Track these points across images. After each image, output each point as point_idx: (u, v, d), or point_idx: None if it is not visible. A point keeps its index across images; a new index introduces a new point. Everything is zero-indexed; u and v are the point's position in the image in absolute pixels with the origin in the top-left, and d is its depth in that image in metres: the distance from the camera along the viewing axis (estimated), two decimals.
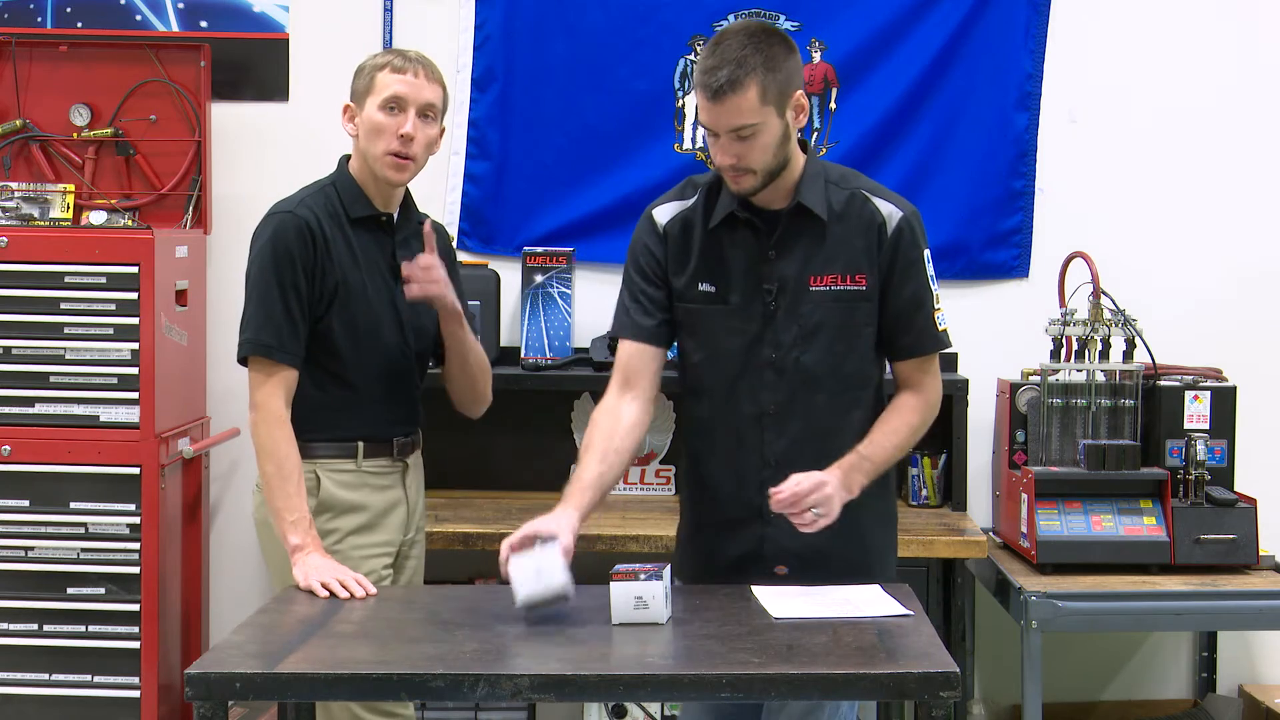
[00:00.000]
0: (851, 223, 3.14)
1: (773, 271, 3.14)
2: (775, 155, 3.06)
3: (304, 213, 3.36)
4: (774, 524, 3.12)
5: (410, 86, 3.37)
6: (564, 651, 2.76)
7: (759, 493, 3.12)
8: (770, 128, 3.03)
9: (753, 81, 2.99)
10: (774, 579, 3.14)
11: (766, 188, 3.10)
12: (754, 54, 3.00)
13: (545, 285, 4.74)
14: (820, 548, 3.10)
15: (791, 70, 3.05)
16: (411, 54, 3.44)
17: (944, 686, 2.59)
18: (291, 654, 2.72)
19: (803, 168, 3.15)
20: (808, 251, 3.13)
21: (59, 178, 4.78)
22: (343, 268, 3.38)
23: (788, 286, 3.14)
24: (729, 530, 3.21)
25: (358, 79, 3.44)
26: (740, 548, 3.20)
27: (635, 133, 4.86)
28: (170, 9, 4.87)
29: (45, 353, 4.40)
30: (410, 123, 3.36)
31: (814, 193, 3.13)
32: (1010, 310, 4.83)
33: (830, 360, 3.12)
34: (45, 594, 4.41)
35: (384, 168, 3.39)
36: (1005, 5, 4.79)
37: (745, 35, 3.03)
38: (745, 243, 3.16)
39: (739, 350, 3.16)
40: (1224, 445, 4.31)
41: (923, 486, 4.63)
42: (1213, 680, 4.83)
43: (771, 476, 3.09)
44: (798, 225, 3.14)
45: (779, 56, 3.03)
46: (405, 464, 3.52)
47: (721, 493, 3.22)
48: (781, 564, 3.17)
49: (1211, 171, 4.85)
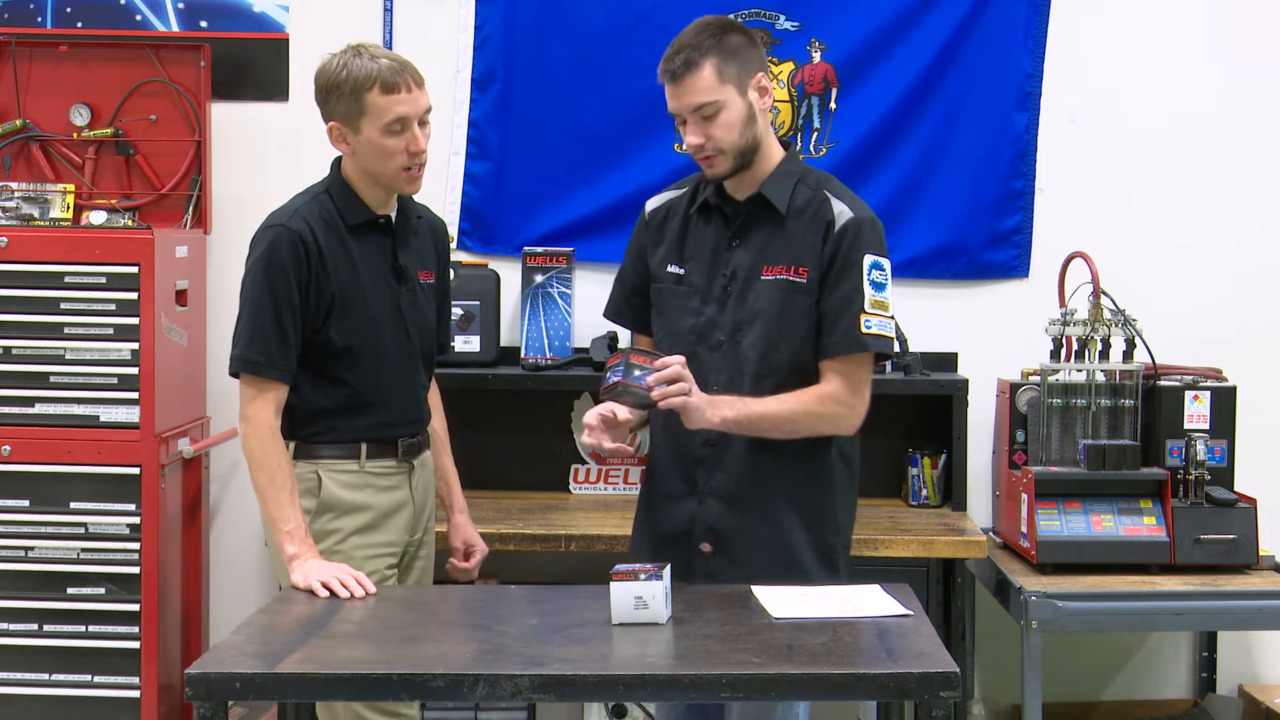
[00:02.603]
0: (807, 219, 3.26)
1: (731, 258, 3.29)
2: (742, 134, 3.21)
3: (298, 225, 3.33)
4: (705, 503, 3.28)
5: (410, 104, 3.32)
6: (564, 651, 2.76)
7: (695, 469, 3.29)
8: (732, 105, 3.19)
9: (707, 61, 3.17)
10: (699, 558, 3.29)
11: (739, 174, 3.25)
12: (707, 39, 3.19)
13: (545, 285, 4.74)
14: (742, 530, 3.26)
15: (748, 54, 3.22)
16: (392, 64, 3.32)
17: (944, 686, 2.59)
18: (291, 654, 2.72)
19: (778, 164, 3.28)
20: (764, 242, 3.27)
21: (59, 178, 4.78)
22: (340, 276, 3.37)
23: (741, 274, 3.27)
24: (668, 504, 3.35)
25: (338, 99, 3.31)
26: (675, 523, 3.33)
27: (635, 133, 4.86)
28: (170, 9, 4.87)
29: (45, 353, 4.40)
30: (419, 138, 3.34)
31: (780, 187, 3.27)
32: (1010, 310, 4.83)
33: (763, 346, 3.24)
34: (45, 594, 4.42)
35: (401, 183, 3.39)
36: (1005, 5, 4.78)
37: (699, 25, 3.24)
38: (715, 230, 3.33)
39: (693, 331, 3.31)
40: (1224, 445, 4.31)
41: (923, 486, 4.63)
42: (1213, 680, 4.83)
43: (708, 455, 3.28)
44: (759, 216, 3.28)
45: (732, 41, 3.21)
46: (411, 465, 3.51)
47: (662, 468, 3.37)
48: (706, 541, 3.29)
49: (1211, 171, 4.84)
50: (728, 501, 3.27)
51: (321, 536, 3.37)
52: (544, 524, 4.32)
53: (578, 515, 4.49)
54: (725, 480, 3.28)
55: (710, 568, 3.27)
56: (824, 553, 3.30)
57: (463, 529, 3.71)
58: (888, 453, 4.69)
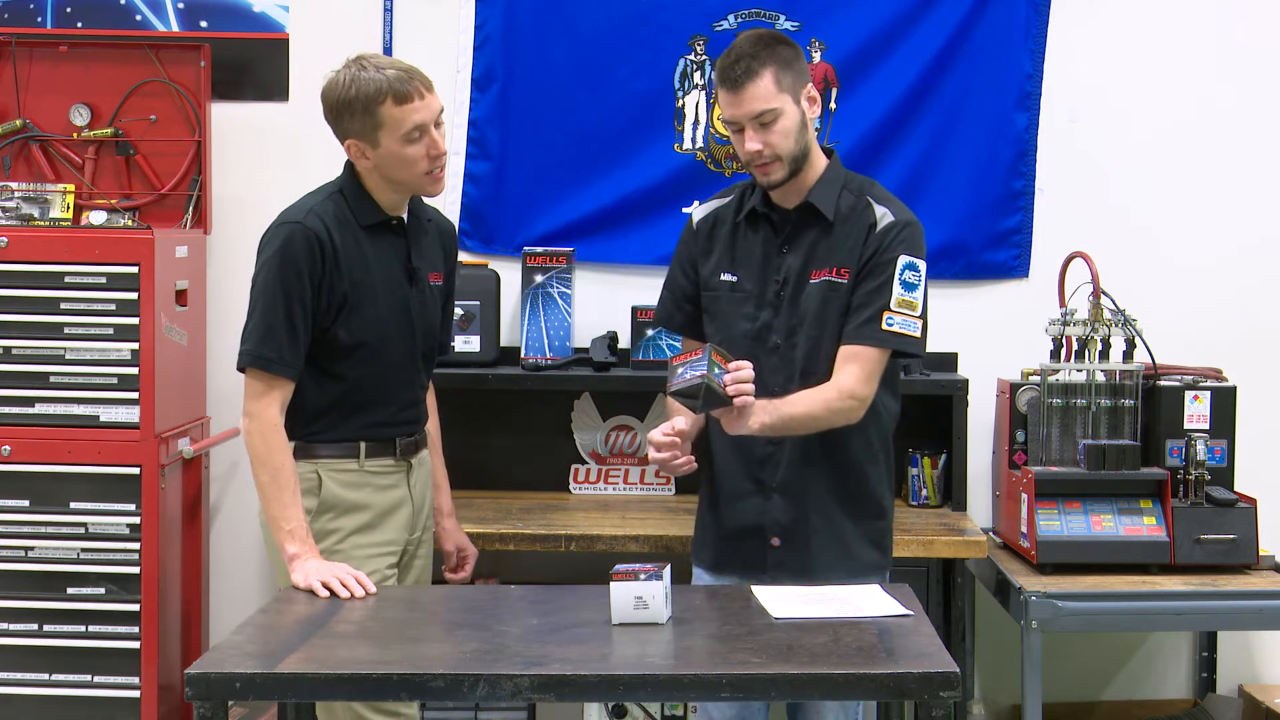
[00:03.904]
0: (852, 224, 3.40)
1: (782, 264, 3.42)
2: (796, 142, 3.35)
3: (313, 223, 3.34)
4: (772, 499, 3.43)
5: (425, 111, 3.32)
6: (564, 651, 2.76)
7: (762, 469, 3.44)
8: (789, 113, 3.33)
9: (767, 70, 3.31)
10: (769, 550, 3.44)
11: (789, 182, 3.37)
12: (765, 49, 3.33)
13: (545, 285, 4.74)
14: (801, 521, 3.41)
15: (800, 65, 3.38)
16: (400, 73, 3.31)
17: (944, 686, 2.59)
18: (291, 654, 2.72)
19: (823, 171, 3.42)
20: (812, 247, 3.40)
21: (59, 178, 4.78)
22: (354, 275, 3.37)
23: (792, 279, 3.39)
24: (735, 502, 3.48)
25: (351, 116, 3.31)
26: (743, 519, 3.46)
27: (635, 133, 4.86)
28: (170, 9, 4.87)
29: (45, 353, 4.40)
30: (437, 141, 3.36)
31: (826, 195, 3.41)
32: (1010, 310, 4.83)
33: (807, 346, 3.38)
34: (45, 594, 4.42)
35: (427, 186, 3.41)
36: (1005, 5, 4.78)
37: (755, 36, 3.40)
38: (764, 238, 3.45)
39: (751, 335, 3.43)
40: (1224, 445, 4.31)
41: (923, 486, 4.63)
42: (1213, 680, 4.83)
43: (773, 454, 3.42)
44: (807, 223, 3.41)
45: (785, 52, 3.36)
46: (409, 464, 3.52)
47: (730, 467, 3.48)
48: (775, 536, 3.43)
49: (1211, 171, 4.84)
50: (790, 496, 3.42)
51: (321, 536, 3.37)
52: (544, 524, 4.32)
53: (578, 515, 4.49)
54: (787, 476, 3.42)
55: (779, 559, 3.43)
56: (874, 538, 3.48)
57: (453, 533, 3.75)
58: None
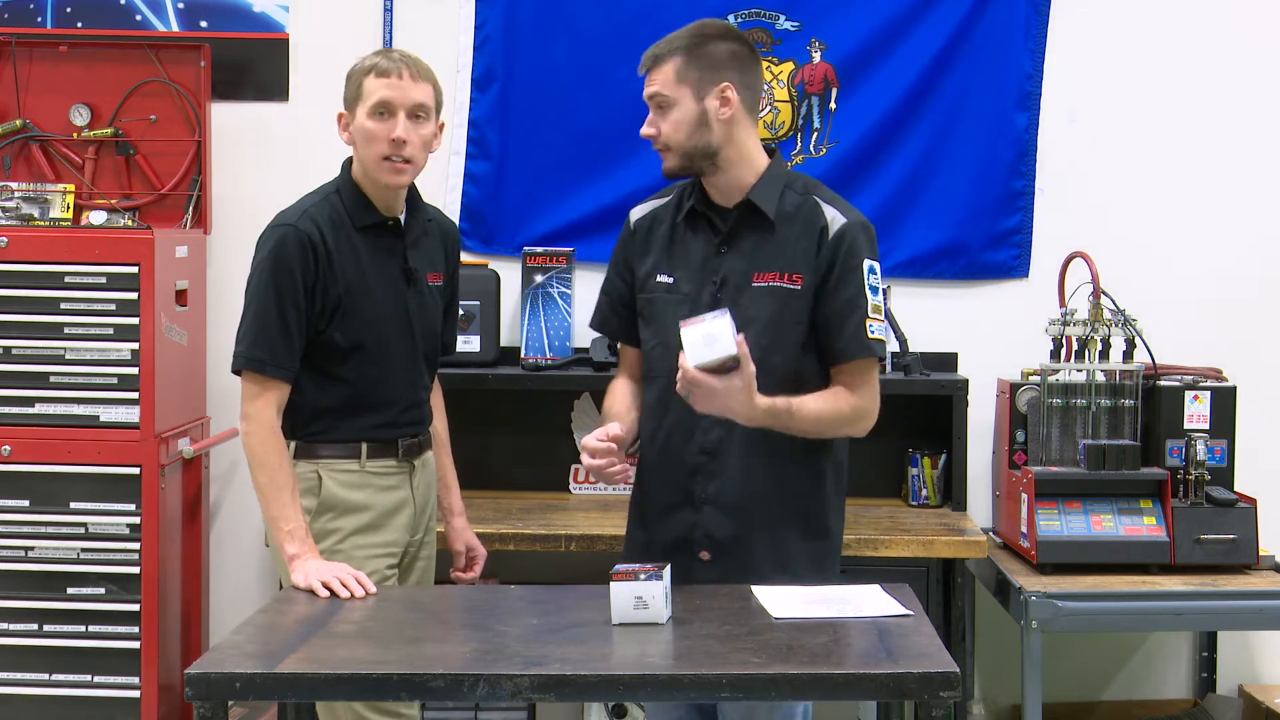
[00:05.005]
0: (798, 225, 3.25)
1: (720, 266, 3.27)
2: (689, 136, 3.23)
3: (306, 225, 3.34)
4: (702, 511, 3.26)
5: (397, 90, 3.34)
6: (564, 651, 2.76)
7: (691, 479, 3.26)
8: (683, 107, 3.23)
9: (671, 59, 3.24)
10: (698, 564, 3.26)
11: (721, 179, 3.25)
12: (685, 38, 3.25)
13: (545, 285, 4.74)
14: (740, 537, 3.24)
15: (720, 61, 3.23)
16: (396, 54, 3.39)
17: (944, 686, 2.59)
18: (291, 654, 2.72)
19: (764, 170, 3.27)
20: (754, 249, 3.26)
21: (59, 178, 4.78)
22: (348, 277, 3.37)
23: (732, 281, 3.25)
24: (665, 514, 3.32)
25: (348, 86, 3.41)
26: (672, 532, 3.30)
27: (635, 133, 4.77)
28: (170, 9, 4.87)
29: (45, 353, 4.40)
30: (401, 126, 3.34)
31: (767, 194, 3.26)
32: (1010, 310, 4.83)
33: (757, 353, 3.15)
34: (45, 594, 4.42)
35: (381, 173, 3.38)
36: (1005, 5, 4.78)
37: (694, 24, 3.29)
38: (702, 238, 3.30)
39: None
40: (1224, 445, 4.31)
41: (923, 486, 4.63)
42: (1213, 680, 4.83)
43: (704, 464, 3.26)
44: (748, 223, 3.27)
45: (710, 47, 3.23)
46: (412, 465, 3.51)
47: (659, 477, 3.33)
48: (705, 550, 3.26)
49: (1211, 171, 4.84)
50: (725, 510, 3.25)
51: (322, 536, 3.38)
52: (544, 524, 4.32)
53: (578, 515, 4.49)
54: (722, 488, 3.26)
55: (710, 575, 3.25)
56: (816, 558, 3.30)
57: (463, 532, 3.73)
58: (888, 453, 4.69)
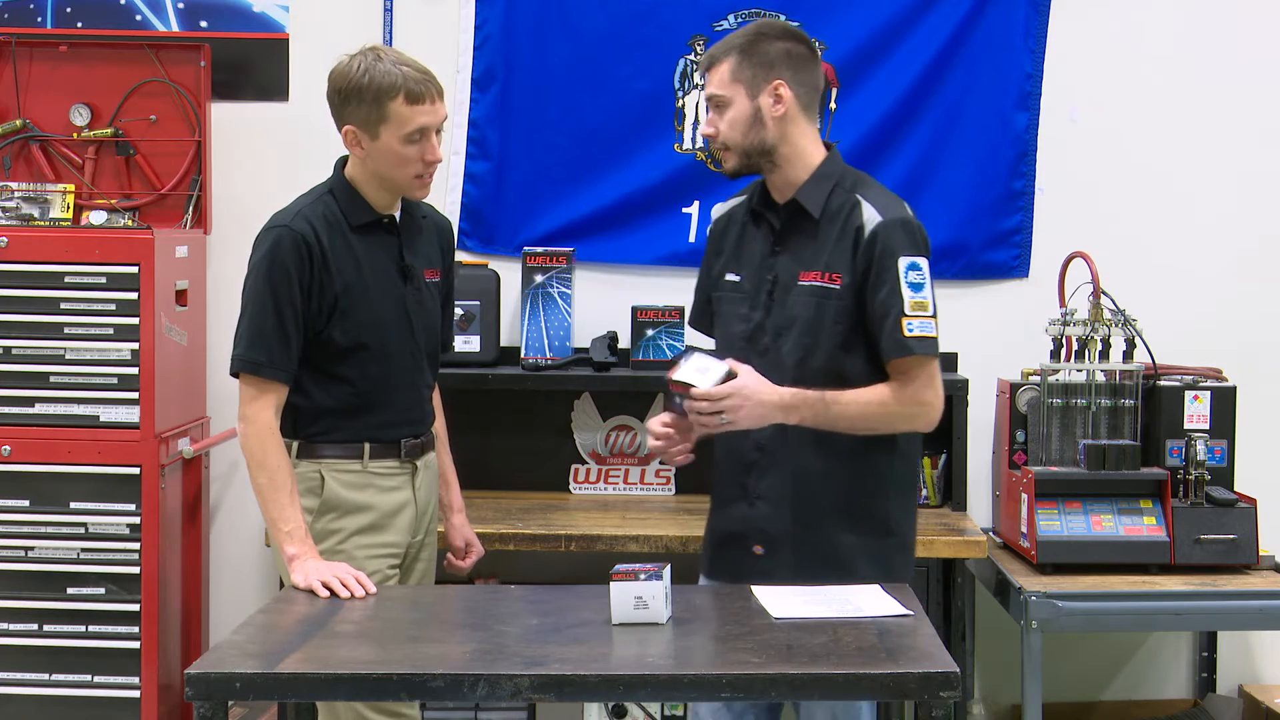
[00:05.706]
0: (839, 224, 3.26)
1: (774, 264, 3.31)
2: (744, 135, 3.26)
3: (301, 226, 3.33)
4: (755, 505, 3.30)
5: (431, 115, 3.31)
6: (564, 651, 2.76)
7: (746, 474, 3.31)
8: (737, 106, 3.25)
9: (726, 59, 3.26)
10: (752, 558, 3.30)
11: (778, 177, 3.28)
12: (740, 38, 3.29)
13: (545, 285, 4.74)
14: (790, 533, 3.26)
15: (773, 59, 3.26)
16: (416, 73, 3.31)
17: (944, 686, 2.59)
18: (291, 654, 2.72)
19: (817, 167, 3.29)
20: (800, 248, 3.29)
21: (59, 178, 4.78)
22: (344, 276, 3.36)
23: (782, 279, 3.30)
24: (723, 508, 3.39)
25: (358, 103, 3.29)
26: (728, 525, 3.36)
27: (635, 133, 4.86)
28: (170, 9, 4.87)
29: (45, 353, 4.40)
30: (435, 147, 3.35)
31: (815, 192, 3.28)
32: (1010, 310, 4.83)
33: (799, 353, 3.23)
34: (45, 594, 4.41)
35: (414, 189, 3.39)
36: (1005, 5, 4.79)
37: (750, 25, 3.36)
38: (762, 236, 3.36)
39: (744, 337, 3.33)
40: (1224, 445, 4.31)
41: (923, 486, 4.63)
42: (1213, 680, 4.83)
43: (758, 460, 3.29)
44: (796, 222, 3.30)
45: (764, 46, 3.27)
46: (414, 466, 3.51)
47: (719, 472, 3.40)
48: (758, 544, 3.30)
49: (1211, 171, 4.84)
50: (776, 504, 3.27)
51: (323, 536, 3.37)
52: (544, 524, 4.33)
53: (578, 515, 4.49)
54: (774, 484, 3.27)
55: (763, 568, 3.26)
56: (877, 556, 3.27)
57: (462, 529, 3.73)
58: None
